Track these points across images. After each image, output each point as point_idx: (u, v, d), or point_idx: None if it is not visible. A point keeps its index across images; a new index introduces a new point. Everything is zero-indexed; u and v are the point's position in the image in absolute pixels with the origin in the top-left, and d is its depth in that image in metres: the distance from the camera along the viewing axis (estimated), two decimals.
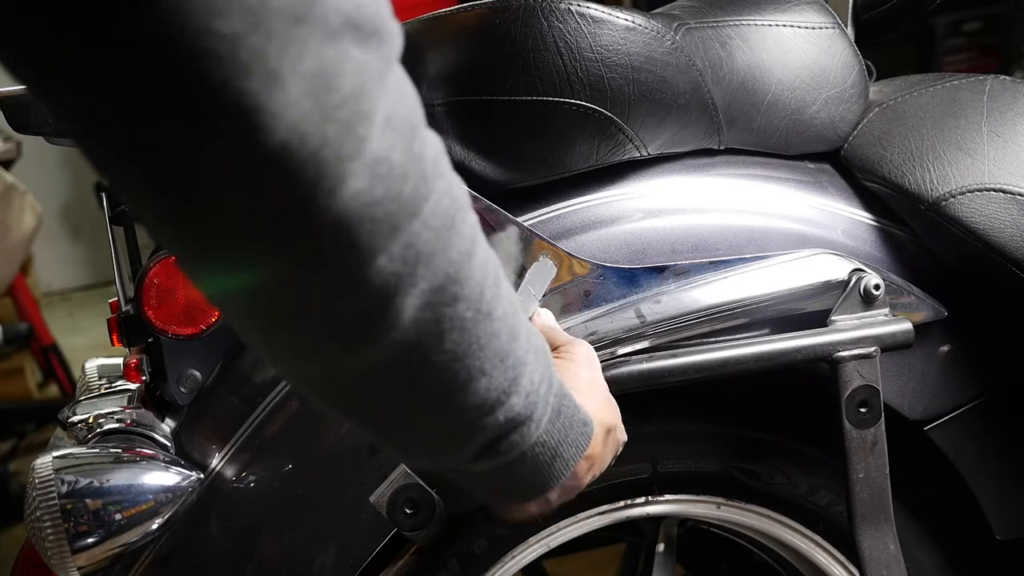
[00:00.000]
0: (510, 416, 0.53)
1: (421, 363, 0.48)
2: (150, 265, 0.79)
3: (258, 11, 0.37)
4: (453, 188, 0.47)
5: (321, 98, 0.39)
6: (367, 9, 0.41)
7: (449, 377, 0.49)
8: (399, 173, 0.42)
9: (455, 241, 0.46)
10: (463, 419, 0.52)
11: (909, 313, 0.84)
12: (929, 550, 0.95)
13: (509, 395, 0.52)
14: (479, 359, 0.49)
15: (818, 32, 0.89)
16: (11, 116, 0.78)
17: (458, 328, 0.48)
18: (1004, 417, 0.91)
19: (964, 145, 0.85)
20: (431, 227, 0.44)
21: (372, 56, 0.41)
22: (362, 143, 0.41)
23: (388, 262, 0.43)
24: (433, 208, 0.45)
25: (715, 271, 0.81)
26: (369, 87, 0.41)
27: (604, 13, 0.80)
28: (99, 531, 0.71)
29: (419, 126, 0.45)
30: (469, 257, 0.47)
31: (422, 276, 0.45)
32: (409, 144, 0.43)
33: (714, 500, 0.93)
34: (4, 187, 2.48)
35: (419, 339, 0.47)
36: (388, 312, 0.45)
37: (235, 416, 0.82)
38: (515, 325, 0.52)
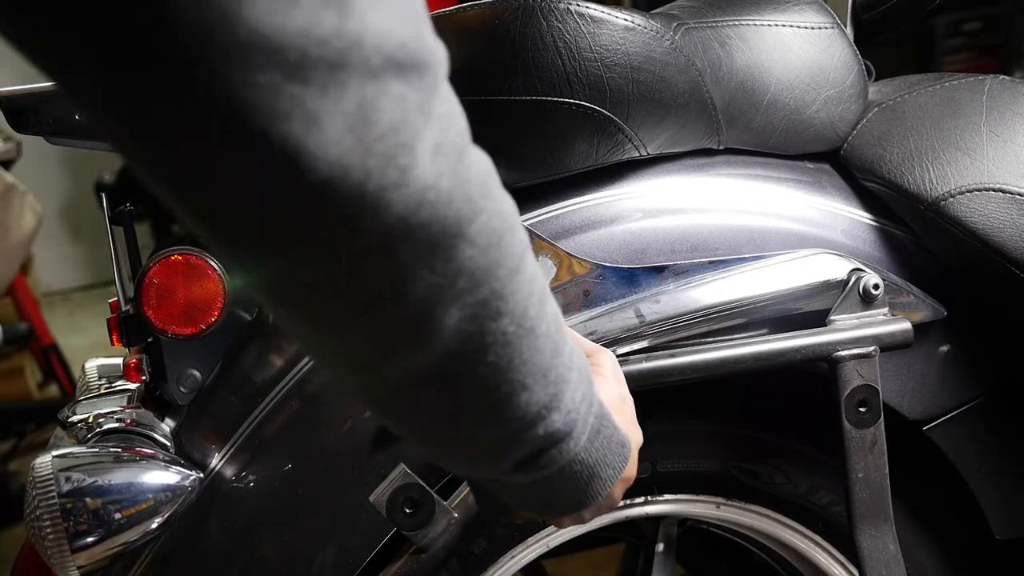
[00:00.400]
0: (550, 431, 0.54)
1: (463, 374, 0.49)
2: (150, 265, 0.79)
3: (298, 64, 0.38)
4: (502, 207, 0.48)
5: (361, 133, 0.40)
6: (410, 45, 0.42)
7: (491, 389, 0.50)
8: (445, 198, 0.44)
9: (501, 259, 0.47)
10: (504, 431, 0.53)
11: (908, 313, 0.84)
12: (929, 550, 0.95)
13: (550, 411, 0.53)
14: (521, 373, 0.51)
15: (817, 32, 0.89)
16: (11, 116, 0.78)
17: (501, 342, 0.49)
18: (1004, 417, 0.91)
19: (963, 145, 0.85)
20: (476, 245, 0.46)
21: (413, 88, 0.42)
22: (405, 172, 0.42)
23: (430, 275, 0.45)
24: (479, 228, 0.46)
25: (714, 271, 0.82)
26: (410, 118, 0.42)
27: (603, 13, 0.80)
28: (99, 530, 0.72)
29: (466, 149, 0.46)
30: (515, 274, 0.48)
31: (465, 290, 0.46)
32: (455, 168, 0.44)
33: (713, 500, 0.93)
34: (4, 187, 2.48)
35: (461, 350, 0.48)
36: (430, 323, 0.46)
37: (235, 416, 0.82)
38: (559, 342, 0.53)
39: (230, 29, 0.37)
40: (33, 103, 0.78)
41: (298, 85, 0.38)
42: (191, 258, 0.80)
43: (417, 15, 0.44)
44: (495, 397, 0.51)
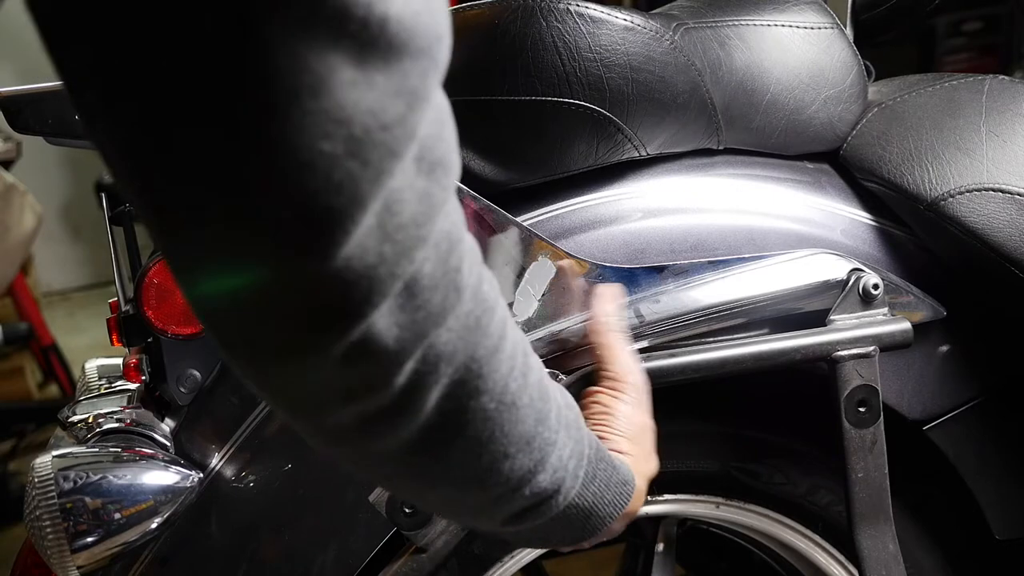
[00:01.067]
0: (536, 491, 0.56)
1: (444, 447, 0.51)
2: (150, 265, 0.79)
3: (361, 141, 0.39)
4: (481, 288, 0.49)
5: (385, 220, 0.42)
6: (436, 143, 0.44)
7: (472, 460, 0.52)
8: (432, 285, 0.45)
9: (480, 341, 0.49)
10: (488, 495, 0.55)
11: (908, 313, 0.84)
12: (928, 550, 0.95)
13: (535, 474, 0.55)
14: (503, 444, 0.52)
15: (817, 32, 0.89)
16: (11, 116, 0.78)
17: (480, 418, 0.51)
18: (1003, 417, 0.91)
19: (963, 145, 0.85)
20: (453, 330, 0.47)
21: (436, 185, 0.44)
22: (412, 263, 0.44)
23: (413, 363, 0.46)
24: (458, 314, 0.47)
25: (714, 271, 0.82)
26: (430, 214, 0.44)
27: (603, 13, 0.80)
28: (98, 530, 0.72)
29: (459, 240, 0.47)
30: (494, 353, 0.50)
31: (444, 373, 0.48)
32: (447, 258, 0.46)
33: (713, 500, 0.93)
34: (4, 187, 2.48)
35: (441, 425, 0.50)
36: (411, 405, 0.48)
37: (234, 416, 0.82)
38: (543, 409, 0.54)
39: (317, 94, 0.38)
40: (33, 103, 0.78)
41: (356, 163, 0.40)
42: None
43: (448, 119, 0.46)
44: (477, 467, 0.53)
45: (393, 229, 0.42)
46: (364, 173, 0.40)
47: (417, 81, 0.41)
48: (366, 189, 0.40)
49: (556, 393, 0.57)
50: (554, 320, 0.79)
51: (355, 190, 0.40)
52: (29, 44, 1.95)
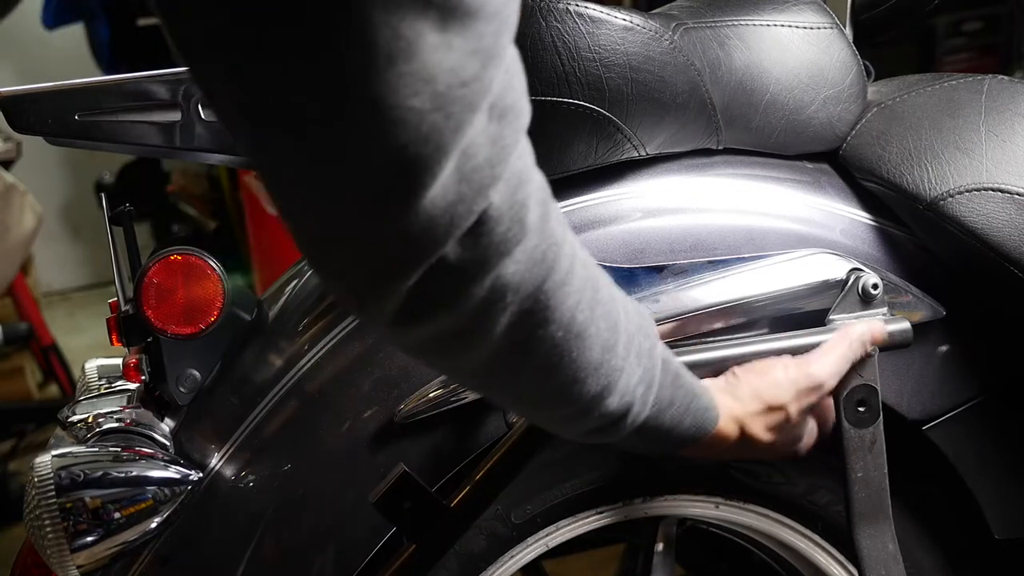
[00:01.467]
0: (604, 413, 0.61)
1: (515, 369, 0.57)
2: (149, 265, 0.79)
3: (444, 96, 0.45)
4: (549, 225, 0.53)
5: (462, 163, 0.47)
6: (507, 91, 0.49)
7: (542, 382, 0.58)
8: (496, 216, 0.50)
9: (546, 274, 0.53)
10: (560, 414, 0.62)
11: (907, 312, 0.84)
12: (928, 549, 0.95)
13: (604, 397, 0.60)
14: (571, 370, 0.57)
15: (816, 32, 0.90)
16: (11, 116, 0.78)
17: (548, 345, 0.56)
18: (1003, 417, 0.91)
19: (962, 145, 0.85)
20: (519, 262, 0.52)
21: (508, 129, 0.49)
22: (486, 199, 0.49)
23: (480, 290, 0.51)
24: (523, 247, 0.51)
25: (713, 270, 0.82)
26: (502, 155, 0.49)
27: (602, 13, 0.80)
28: (98, 530, 0.72)
29: (528, 179, 0.52)
30: (561, 286, 0.54)
31: (511, 302, 0.52)
32: (514, 193, 0.50)
33: (712, 500, 0.93)
34: (4, 187, 2.48)
35: (512, 350, 0.55)
36: (480, 329, 0.53)
37: (234, 416, 0.82)
38: (610, 339, 0.59)
39: (409, 57, 0.43)
40: (33, 103, 0.78)
41: (440, 116, 0.45)
42: (191, 258, 0.80)
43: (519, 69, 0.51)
44: (549, 388, 0.58)
45: (470, 171, 0.47)
46: (447, 124, 0.45)
47: (491, 41, 0.46)
48: (448, 139, 0.45)
49: (629, 323, 0.61)
50: None
51: (439, 140, 0.45)
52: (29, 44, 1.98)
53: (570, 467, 0.89)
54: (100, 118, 0.79)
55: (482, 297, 0.51)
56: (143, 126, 0.81)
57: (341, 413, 0.81)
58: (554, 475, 0.89)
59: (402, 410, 0.80)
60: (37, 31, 3.98)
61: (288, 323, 0.87)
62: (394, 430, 0.81)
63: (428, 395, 0.79)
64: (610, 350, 0.59)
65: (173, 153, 0.83)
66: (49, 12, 3.90)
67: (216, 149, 0.82)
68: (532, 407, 0.63)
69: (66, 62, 4.05)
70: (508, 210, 0.50)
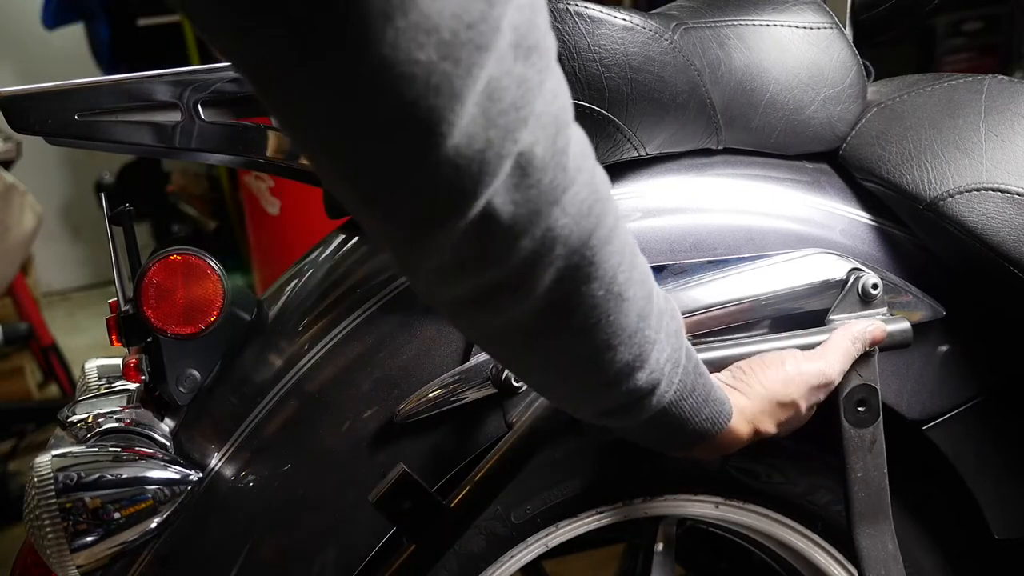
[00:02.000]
0: (632, 388, 0.60)
1: (554, 328, 0.55)
2: (149, 265, 0.79)
3: (450, 43, 0.44)
4: (595, 180, 0.53)
5: (487, 108, 0.46)
6: (529, 29, 0.47)
7: (578, 345, 0.57)
8: (540, 165, 0.49)
9: (593, 229, 0.52)
10: (589, 383, 0.60)
11: (907, 312, 0.84)
12: (928, 549, 0.95)
13: (634, 370, 0.59)
14: (607, 334, 0.56)
15: (816, 32, 0.90)
16: (11, 116, 0.78)
17: (589, 303, 0.55)
18: (1003, 417, 0.91)
19: (962, 145, 0.85)
20: (569, 214, 0.51)
21: (532, 69, 0.47)
22: (516, 143, 0.47)
23: (530, 242, 0.50)
24: (572, 198, 0.51)
25: (713, 270, 0.82)
26: (527, 97, 0.47)
27: (602, 13, 0.80)
28: (98, 530, 0.72)
29: (566, 124, 0.50)
30: (605, 243, 0.53)
31: (559, 255, 0.52)
32: (554, 140, 0.49)
33: (712, 499, 0.93)
34: (4, 187, 2.48)
35: (553, 307, 0.54)
36: (526, 283, 0.52)
37: (234, 416, 0.82)
38: (645, 308, 0.58)
39: (405, 11, 0.42)
40: (33, 103, 0.78)
41: (449, 63, 0.44)
42: (190, 258, 0.80)
43: (540, 5, 0.49)
44: (583, 352, 0.57)
45: (496, 114, 0.46)
46: (456, 71, 0.44)
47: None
48: (460, 84, 0.44)
49: (660, 299, 0.61)
50: None
51: (451, 87, 0.44)
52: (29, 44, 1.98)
53: (570, 467, 0.89)
54: (100, 118, 0.79)
55: (532, 249, 0.51)
56: (143, 126, 0.81)
57: (341, 413, 0.81)
58: (554, 475, 0.89)
59: (402, 410, 0.80)
60: (37, 31, 3.99)
61: (288, 323, 0.87)
62: (394, 430, 0.81)
63: (428, 395, 0.80)
64: (645, 319, 0.58)
65: (173, 153, 0.83)
66: (49, 12, 3.90)
67: (216, 149, 0.82)
68: (560, 377, 0.60)
69: (66, 62, 4.05)
70: (550, 157, 0.49)
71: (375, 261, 0.86)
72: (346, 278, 0.87)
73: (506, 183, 0.48)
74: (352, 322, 0.83)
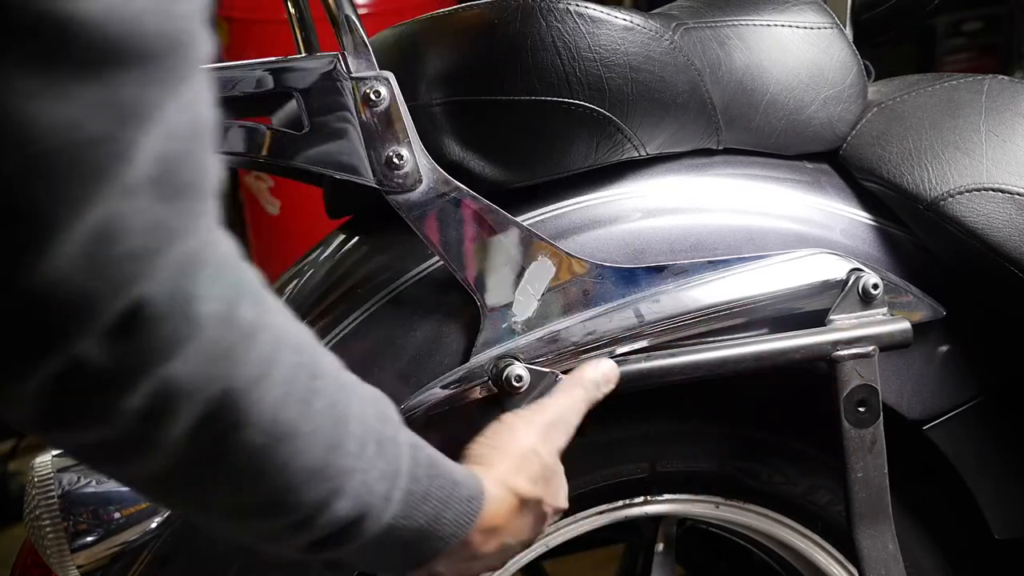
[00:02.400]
0: (335, 519, 0.51)
1: (208, 480, 0.47)
2: None
3: (45, 159, 0.35)
4: (237, 315, 0.44)
5: (94, 251, 0.37)
6: (184, 167, 0.40)
7: (245, 494, 0.49)
8: (157, 317, 0.40)
9: (233, 371, 0.44)
10: (275, 525, 0.51)
11: (907, 312, 0.84)
12: (928, 549, 0.95)
13: (330, 503, 0.51)
14: (282, 477, 0.48)
15: (816, 32, 0.89)
16: None
17: (246, 453, 0.46)
18: (1003, 417, 0.91)
19: (962, 145, 0.85)
20: (194, 363, 0.42)
21: (178, 213, 0.40)
22: (126, 296, 0.39)
23: (139, 399, 0.42)
24: (199, 345, 0.42)
25: (714, 270, 0.82)
26: (167, 242, 0.40)
27: (602, 13, 0.80)
28: (98, 530, 0.72)
29: (201, 265, 0.42)
30: (256, 383, 0.45)
31: (185, 410, 0.43)
32: (183, 284, 0.41)
33: (713, 500, 0.93)
34: None
35: (199, 460, 0.46)
36: (151, 440, 0.44)
37: None
38: (336, 435, 0.50)
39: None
40: None
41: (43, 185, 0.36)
42: None
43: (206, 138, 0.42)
44: (254, 500, 0.49)
45: (107, 259, 0.38)
46: (52, 196, 0.36)
47: (134, 92, 0.37)
48: (57, 213, 0.36)
49: (365, 409, 0.53)
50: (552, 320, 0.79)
51: (43, 215, 0.36)
52: None
53: (570, 467, 0.89)
54: None
55: (140, 407, 0.42)
56: None
57: None
58: None
59: (402, 410, 0.80)
60: None
61: None
62: None
63: (428, 395, 0.79)
64: (335, 449, 0.50)
65: None
66: None
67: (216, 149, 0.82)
68: (235, 521, 0.51)
69: None
70: (171, 306, 0.40)
71: (375, 261, 0.86)
72: (346, 278, 0.87)
73: (103, 336, 0.39)
74: (352, 322, 0.82)
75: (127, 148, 0.37)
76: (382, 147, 0.73)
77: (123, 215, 0.37)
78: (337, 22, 0.72)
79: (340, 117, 0.73)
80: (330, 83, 0.72)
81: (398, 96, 0.73)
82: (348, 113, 0.73)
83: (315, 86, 0.73)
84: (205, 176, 0.41)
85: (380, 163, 0.73)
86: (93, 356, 0.40)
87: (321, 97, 0.73)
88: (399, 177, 0.74)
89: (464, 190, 0.76)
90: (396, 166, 0.74)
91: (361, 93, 0.72)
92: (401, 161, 0.74)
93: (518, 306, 0.78)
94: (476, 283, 0.77)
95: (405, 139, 0.74)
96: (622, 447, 0.89)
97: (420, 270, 0.82)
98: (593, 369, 0.75)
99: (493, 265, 0.77)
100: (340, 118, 0.73)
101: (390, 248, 0.85)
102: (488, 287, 0.78)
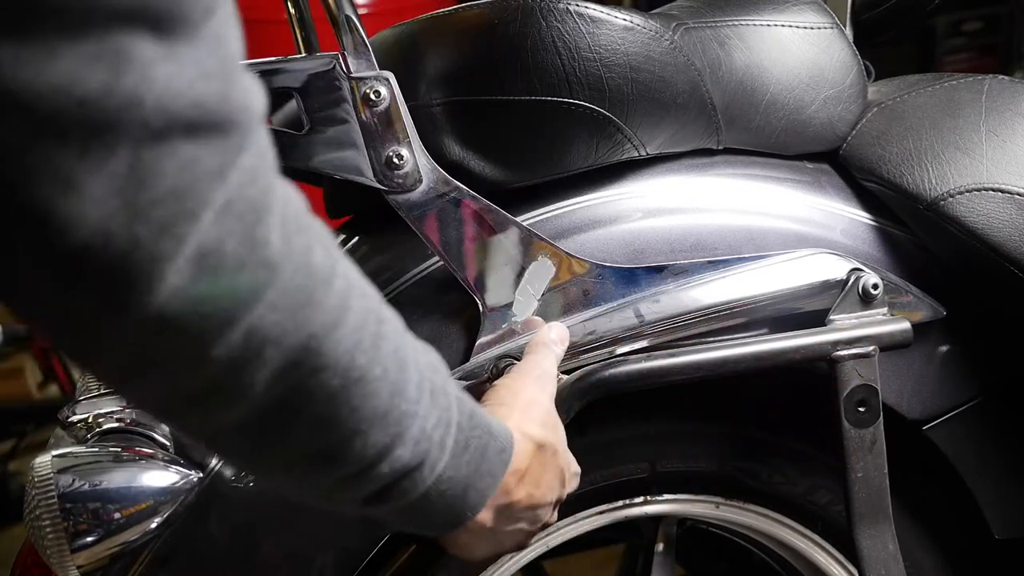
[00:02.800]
0: (396, 467, 0.53)
1: (285, 426, 0.48)
2: None
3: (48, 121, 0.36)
4: (312, 261, 0.46)
5: (132, 197, 0.38)
6: (208, 103, 0.39)
7: (318, 439, 0.50)
8: (231, 264, 0.42)
9: (313, 317, 0.46)
10: (341, 473, 0.52)
11: (907, 312, 0.84)
12: (928, 549, 0.95)
13: (393, 448, 0.52)
14: (352, 421, 0.50)
15: (816, 32, 0.90)
16: None
17: (323, 396, 0.48)
18: (1003, 417, 0.91)
19: (962, 145, 0.85)
20: (279, 309, 0.44)
21: (211, 150, 0.40)
22: (181, 242, 0.40)
23: (226, 349, 0.43)
24: (281, 291, 0.44)
25: (714, 270, 0.82)
26: (198, 184, 0.40)
27: (603, 13, 0.80)
28: (98, 530, 0.71)
29: (267, 210, 0.43)
30: (334, 328, 0.47)
31: (271, 356, 0.45)
32: (251, 231, 0.42)
33: (713, 500, 0.93)
34: None
35: (279, 406, 0.47)
36: (236, 387, 0.45)
37: None
38: (400, 380, 0.52)
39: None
40: None
41: (50, 142, 0.36)
42: None
43: (226, 70, 0.40)
44: (325, 445, 0.50)
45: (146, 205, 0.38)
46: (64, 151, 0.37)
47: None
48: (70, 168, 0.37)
49: (419, 357, 0.55)
50: (552, 320, 0.79)
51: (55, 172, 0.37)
52: None
53: None
54: None
55: (230, 355, 0.43)
56: None
57: None
58: None
59: None
60: None
61: None
62: None
63: None
64: (399, 393, 0.51)
65: None
66: None
67: None
68: (305, 472, 0.52)
69: None
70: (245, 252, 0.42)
71: (375, 261, 0.86)
72: None
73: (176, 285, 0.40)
74: None
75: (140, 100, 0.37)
76: (382, 147, 0.73)
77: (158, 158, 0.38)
78: (337, 22, 0.72)
79: (340, 117, 0.73)
80: (330, 83, 0.72)
81: (398, 96, 0.73)
82: (348, 113, 0.73)
83: (315, 86, 0.73)
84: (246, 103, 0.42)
85: (380, 163, 0.74)
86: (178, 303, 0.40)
87: (321, 97, 0.73)
88: (399, 177, 0.74)
89: (464, 190, 0.76)
90: (396, 166, 0.74)
91: (361, 93, 0.72)
92: (401, 161, 0.74)
93: (518, 306, 0.78)
94: (476, 283, 0.77)
95: (405, 139, 0.74)
96: (622, 447, 0.89)
97: (420, 270, 0.82)
98: (548, 330, 0.77)
99: (493, 265, 0.77)
100: (340, 118, 0.73)
101: (390, 248, 0.85)
102: (488, 287, 0.78)
